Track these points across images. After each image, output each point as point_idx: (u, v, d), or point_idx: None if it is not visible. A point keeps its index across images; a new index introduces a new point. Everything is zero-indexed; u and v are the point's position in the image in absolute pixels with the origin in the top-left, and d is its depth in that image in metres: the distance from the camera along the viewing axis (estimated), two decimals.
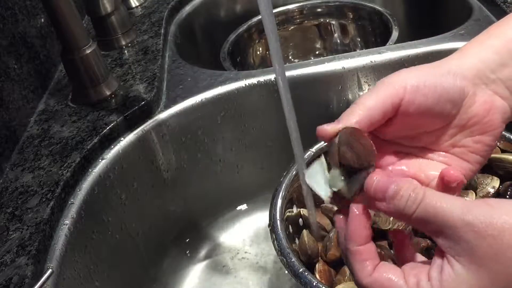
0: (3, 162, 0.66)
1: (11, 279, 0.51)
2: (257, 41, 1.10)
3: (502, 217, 0.31)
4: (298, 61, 1.16)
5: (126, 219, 0.71)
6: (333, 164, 0.38)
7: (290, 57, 1.18)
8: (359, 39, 1.12)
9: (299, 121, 0.37)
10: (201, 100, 0.77)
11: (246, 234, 0.85)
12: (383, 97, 0.38)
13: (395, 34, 0.91)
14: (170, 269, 0.81)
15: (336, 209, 0.40)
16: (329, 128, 0.38)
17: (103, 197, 0.67)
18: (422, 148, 0.42)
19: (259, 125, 0.81)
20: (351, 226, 0.37)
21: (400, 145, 0.43)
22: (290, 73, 0.78)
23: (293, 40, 1.16)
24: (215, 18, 1.13)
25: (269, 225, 0.60)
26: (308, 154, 0.67)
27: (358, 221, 0.37)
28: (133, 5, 1.05)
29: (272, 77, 0.78)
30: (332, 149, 0.38)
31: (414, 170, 0.42)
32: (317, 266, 0.63)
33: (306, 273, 0.53)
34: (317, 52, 1.18)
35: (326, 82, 0.79)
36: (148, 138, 0.74)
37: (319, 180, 0.39)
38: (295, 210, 0.66)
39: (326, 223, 0.67)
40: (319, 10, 1.13)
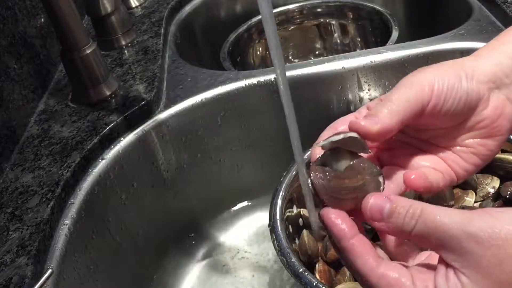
0: (3, 162, 0.66)
1: (11, 279, 0.51)
2: (257, 41, 1.10)
3: (504, 227, 0.31)
4: (298, 61, 1.16)
5: (126, 219, 0.71)
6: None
7: (290, 57, 1.18)
8: (359, 39, 1.12)
9: (299, 121, 0.37)
10: (201, 100, 0.77)
11: (246, 234, 0.85)
12: (415, 98, 0.38)
13: (395, 34, 0.91)
14: (170, 269, 0.81)
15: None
16: (368, 125, 0.37)
17: (103, 197, 0.67)
18: (423, 141, 0.43)
19: (259, 125, 0.81)
20: (332, 224, 0.36)
21: (403, 134, 0.43)
22: (290, 73, 0.78)
23: (293, 40, 1.16)
24: (215, 18, 1.13)
25: (269, 225, 0.60)
26: (308, 154, 0.67)
27: (335, 215, 0.36)
28: (133, 5, 1.05)
29: (272, 77, 0.78)
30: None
31: (406, 160, 0.42)
32: (317, 266, 0.63)
33: (306, 273, 0.53)
34: (317, 52, 1.18)
35: (326, 82, 0.79)
36: (148, 138, 0.74)
37: None
38: (295, 210, 0.66)
39: None
40: (319, 10, 1.13)
